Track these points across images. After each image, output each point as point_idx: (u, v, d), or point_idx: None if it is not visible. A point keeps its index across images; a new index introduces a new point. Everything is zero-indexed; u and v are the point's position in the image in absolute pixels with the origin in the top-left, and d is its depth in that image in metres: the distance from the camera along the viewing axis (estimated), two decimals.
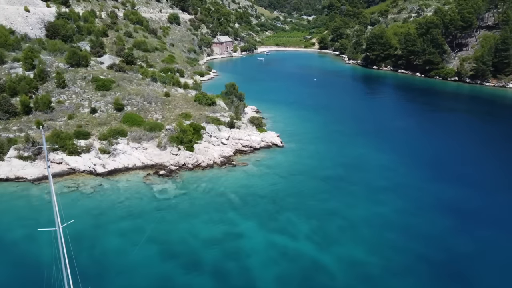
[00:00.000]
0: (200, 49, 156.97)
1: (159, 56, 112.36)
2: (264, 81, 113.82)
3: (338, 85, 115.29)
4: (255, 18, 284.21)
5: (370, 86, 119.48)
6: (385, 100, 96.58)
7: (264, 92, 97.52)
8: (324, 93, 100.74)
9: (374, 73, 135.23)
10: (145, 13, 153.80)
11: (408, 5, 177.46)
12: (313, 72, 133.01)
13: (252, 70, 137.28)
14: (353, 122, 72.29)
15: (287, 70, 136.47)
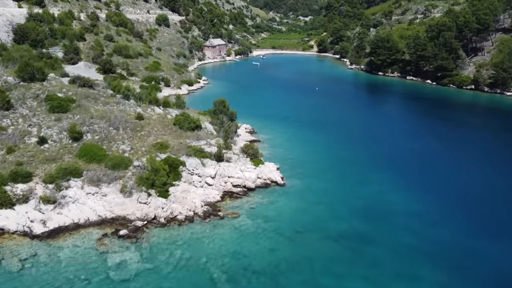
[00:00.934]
0: (191, 53, 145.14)
1: (142, 62, 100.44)
2: (260, 90, 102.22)
3: (342, 94, 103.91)
4: (250, 19, 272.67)
5: (377, 95, 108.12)
6: (395, 114, 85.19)
7: (259, 104, 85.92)
8: (327, 105, 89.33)
9: (380, 80, 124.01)
10: (131, 14, 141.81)
11: (413, 6, 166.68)
12: (313, 79, 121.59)
13: (247, 76, 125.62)
14: (362, 144, 60.90)
15: (285, 77, 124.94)
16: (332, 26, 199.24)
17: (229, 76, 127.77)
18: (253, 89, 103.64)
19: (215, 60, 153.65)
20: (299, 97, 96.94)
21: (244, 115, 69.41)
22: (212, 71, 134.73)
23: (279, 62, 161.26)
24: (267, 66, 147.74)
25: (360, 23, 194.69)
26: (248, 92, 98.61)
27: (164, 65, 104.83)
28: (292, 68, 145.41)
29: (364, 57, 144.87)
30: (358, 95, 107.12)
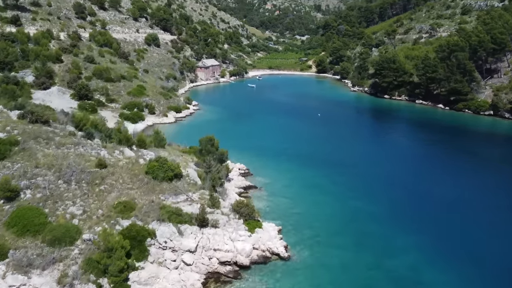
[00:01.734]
0: (182, 75, 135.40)
1: (125, 86, 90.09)
2: (255, 117, 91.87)
3: (346, 121, 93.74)
4: (246, 38, 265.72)
5: (385, 122, 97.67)
6: (408, 145, 74.47)
7: (255, 134, 75.36)
8: (331, 135, 78.89)
9: (386, 104, 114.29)
10: (118, 34, 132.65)
11: (416, 25, 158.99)
12: (313, 103, 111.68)
13: (242, 100, 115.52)
14: (376, 190, 50.13)
15: (283, 100, 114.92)
16: (331, 46, 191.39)
17: (223, 100, 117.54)
18: (248, 115, 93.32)
19: (208, 81, 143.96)
20: (300, 125, 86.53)
21: (238, 149, 59.04)
22: (204, 94, 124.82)
23: (276, 83, 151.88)
24: (264, 88, 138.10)
25: (360, 42, 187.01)
26: (242, 119, 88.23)
27: (150, 89, 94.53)
28: (290, 90, 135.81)
29: (367, 78, 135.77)
30: (364, 123, 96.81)
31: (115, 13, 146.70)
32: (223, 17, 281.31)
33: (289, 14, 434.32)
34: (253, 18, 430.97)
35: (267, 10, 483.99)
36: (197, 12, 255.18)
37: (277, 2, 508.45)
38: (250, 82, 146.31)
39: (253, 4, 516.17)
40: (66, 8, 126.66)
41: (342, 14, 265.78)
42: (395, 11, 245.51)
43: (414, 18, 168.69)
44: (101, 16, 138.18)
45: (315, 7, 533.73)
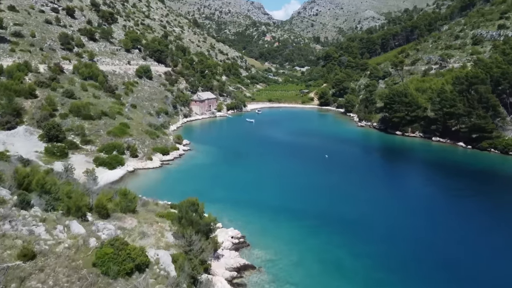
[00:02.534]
0: (175, 109, 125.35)
1: (106, 124, 79.24)
2: (254, 159, 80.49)
3: (358, 164, 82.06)
4: (245, 69, 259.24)
5: (400, 164, 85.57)
6: (432, 198, 62.05)
7: (253, 183, 63.66)
8: (344, 183, 67.11)
9: (398, 141, 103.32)
10: (107, 66, 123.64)
11: (423, 56, 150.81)
12: (318, 141, 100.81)
13: (239, 138, 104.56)
14: (409, 267, 38.14)
15: (285, 139, 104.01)
16: (333, 77, 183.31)
17: (218, 137, 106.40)
18: (245, 157, 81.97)
19: (203, 116, 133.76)
20: (306, 169, 74.97)
21: (231, 204, 47.85)
22: (198, 131, 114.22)
23: (277, 118, 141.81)
24: (263, 123, 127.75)
25: (364, 74, 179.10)
26: (239, 163, 76.74)
27: (135, 127, 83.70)
28: (292, 125, 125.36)
29: (375, 112, 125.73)
30: (378, 166, 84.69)
31: (105, 44, 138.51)
32: (221, 48, 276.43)
33: (288, 46, 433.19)
34: (252, 49, 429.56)
35: (266, 42, 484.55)
36: (194, 44, 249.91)
37: (276, 34, 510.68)
38: (248, 117, 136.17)
39: (252, 36, 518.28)
40: (51, 39, 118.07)
41: (343, 45, 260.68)
42: (397, 42, 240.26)
43: (420, 49, 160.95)
44: (90, 47, 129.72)
45: (314, 39, 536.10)
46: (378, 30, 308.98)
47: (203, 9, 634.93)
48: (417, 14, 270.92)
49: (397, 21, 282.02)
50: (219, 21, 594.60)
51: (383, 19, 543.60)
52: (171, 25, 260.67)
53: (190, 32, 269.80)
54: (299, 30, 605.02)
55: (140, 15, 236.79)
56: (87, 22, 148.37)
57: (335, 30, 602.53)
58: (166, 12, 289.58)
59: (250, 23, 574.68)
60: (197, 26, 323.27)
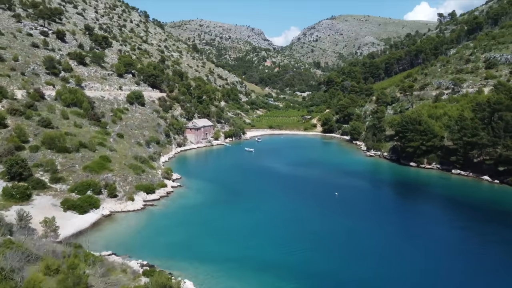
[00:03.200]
0: (168, 138, 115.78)
1: (83, 158, 69.28)
2: (253, 198, 69.97)
3: (370, 204, 71.52)
4: (244, 95, 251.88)
5: (419, 202, 74.26)
6: (456, 247, 51.08)
7: (252, 232, 53.03)
8: (357, 229, 56.48)
9: (413, 173, 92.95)
10: (96, 91, 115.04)
11: (433, 80, 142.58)
12: (325, 174, 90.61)
13: (237, 169, 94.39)
14: None
15: (288, 171, 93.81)
16: (337, 103, 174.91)
17: (213, 169, 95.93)
18: (243, 195, 71.48)
19: (199, 145, 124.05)
20: (313, 211, 64.39)
21: (224, 270, 36.50)
22: (192, 163, 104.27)
23: (278, 146, 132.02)
24: (263, 152, 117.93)
25: (369, 99, 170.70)
26: (235, 203, 66.22)
27: (117, 160, 73.72)
28: (295, 155, 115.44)
29: (385, 140, 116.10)
30: (394, 204, 73.51)
31: (96, 69, 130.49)
32: (220, 73, 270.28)
33: (289, 71, 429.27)
34: (252, 74, 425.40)
35: (267, 67, 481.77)
36: (193, 69, 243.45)
37: (276, 59, 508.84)
38: (247, 145, 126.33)
39: (252, 62, 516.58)
40: (36, 63, 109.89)
41: (345, 70, 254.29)
42: (401, 67, 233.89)
43: (428, 73, 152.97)
44: (78, 72, 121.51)
45: (314, 64, 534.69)
46: (380, 55, 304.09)
47: (203, 35, 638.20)
48: (420, 39, 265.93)
49: (399, 46, 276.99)
50: (219, 47, 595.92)
51: (382, 45, 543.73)
52: (169, 50, 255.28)
53: (188, 57, 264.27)
54: (299, 56, 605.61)
55: (137, 40, 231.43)
56: (78, 46, 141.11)
57: (335, 55, 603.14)
58: (164, 37, 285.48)
59: (251, 48, 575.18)
60: (196, 51, 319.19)
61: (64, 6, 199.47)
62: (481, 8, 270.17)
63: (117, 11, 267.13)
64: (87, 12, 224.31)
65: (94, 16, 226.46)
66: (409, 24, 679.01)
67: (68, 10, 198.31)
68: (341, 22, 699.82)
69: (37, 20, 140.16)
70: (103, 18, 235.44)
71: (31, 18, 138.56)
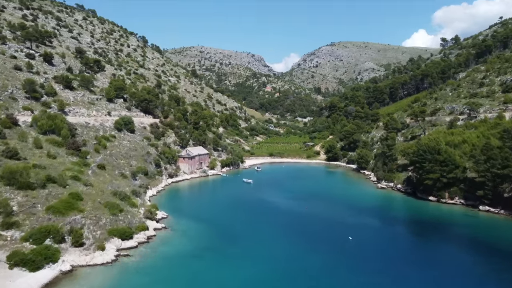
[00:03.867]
0: (158, 168, 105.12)
1: (49, 196, 58.36)
2: (251, 244, 58.44)
3: (389, 249, 59.85)
4: (244, 120, 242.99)
5: (443, 248, 62.74)
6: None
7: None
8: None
9: (433, 210, 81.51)
10: (81, 117, 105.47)
11: (445, 105, 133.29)
12: (333, 211, 79.35)
13: (233, 206, 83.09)
14: None
15: (291, 206, 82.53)
16: (341, 129, 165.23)
17: (206, 206, 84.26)
18: (239, 240, 60.00)
19: (193, 175, 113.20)
20: (324, 263, 52.84)
21: None
22: (183, 197, 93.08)
23: (279, 176, 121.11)
24: (263, 183, 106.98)
25: (376, 125, 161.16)
26: (229, 252, 54.69)
27: (92, 197, 62.77)
28: (298, 186, 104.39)
29: (397, 170, 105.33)
30: (417, 251, 61.84)
31: (84, 93, 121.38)
32: (219, 98, 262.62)
33: (289, 96, 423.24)
34: (252, 100, 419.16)
35: (267, 92, 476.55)
36: (191, 94, 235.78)
37: (276, 85, 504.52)
38: (246, 176, 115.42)
39: (252, 87, 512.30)
40: (16, 87, 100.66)
41: (347, 95, 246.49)
42: (406, 91, 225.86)
43: (438, 97, 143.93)
44: (63, 96, 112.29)
45: (315, 90, 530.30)
46: (382, 80, 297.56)
47: (203, 61, 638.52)
48: (424, 63, 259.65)
49: (403, 70, 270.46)
50: (219, 73, 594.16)
51: (383, 70, 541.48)
52: (166, 74, 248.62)
53: (186, 82, 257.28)
54: (299, 81, 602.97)
55: (133, 64, 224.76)
56: (67, 69, 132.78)
57: (336, 81, 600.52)
58: (162, 62, 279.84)
59: (251, 74, 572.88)
60: (195, 76, 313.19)
61: (58, 30, 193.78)
62: (485, 32, 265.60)
63: (114, 36, 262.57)
64: (83, 36, 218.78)
65: (90, 40, 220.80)
66: (408, 50, 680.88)
67: (62, 34, 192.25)
68: (340, 48, 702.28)
69: (24, 42, 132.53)
70: (99, 42, 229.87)
71: (17, 40, 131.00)
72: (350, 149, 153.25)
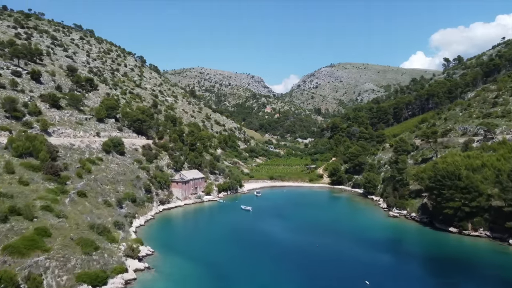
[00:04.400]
0: (149, 194, 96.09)
1: (11, 231, 49.23)
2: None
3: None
4: (243, 142, 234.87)
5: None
6: None
7: None
8: None
9: (455, 243, 72.07)
10: (66, 138, 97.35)
11: (456, 125, 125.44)
12: (343, 245, 70.01)
13: (230, 239, 73.51)
14: None
15: (294, 240, 73.10)
16: (345, 151, 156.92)
17: (199, 238, 74.52)
18: (233, 283, 50.57)
19: (187, 202, 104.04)
20: None
21: None
22: (174, 228, 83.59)
23: (281, 202, 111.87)
24: (263, 211, 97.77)
25: (382, 146, 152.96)
26: None
27: (63, 232, 53.63)
28: (302, 215, 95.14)
29: (410, 196, 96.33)
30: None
31: (72, 112, 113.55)
32: (218, 119, 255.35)
33: (289, 117, 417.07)
34: (252, 121, 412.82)
35: (267, 113, 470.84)
36: (188, 114, 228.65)
37: (276, 106, 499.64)
38: (245, 202, 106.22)
39: (252, 108, 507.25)
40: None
41: (350, 115, 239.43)
42: (410, 112, 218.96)
43: (448, 118, 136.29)
44: (48, 115, 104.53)
45: (315, 110, 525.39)
46: (384, 100, 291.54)
47: (203, 82, 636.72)
48: (427, 83, 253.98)
49: (405, 91, 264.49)
50: (219, 93, 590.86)
51: (383, 91, 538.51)
52: (164, 94, 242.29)
53: (184, 102, 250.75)
54: (299, 102, 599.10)
55: (130, 83, 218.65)
56: (56, 88, 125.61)
57: (336, 102, 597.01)
58: (160, 81, 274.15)
59: (250, 95, 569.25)
60: (193, 97, 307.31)
61: (52, 49, 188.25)
62: (489, 52, 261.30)
63: (112, 55, 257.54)
64: (78, 55, 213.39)
65: (86, 59, 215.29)
66: (408, 71, 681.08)
67: (56, 53, 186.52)
68: (340, 70, 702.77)
69: (11, 59, 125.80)
70: (95, 61, 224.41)
71: (4, 57, 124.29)
72: (355, 172, 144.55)
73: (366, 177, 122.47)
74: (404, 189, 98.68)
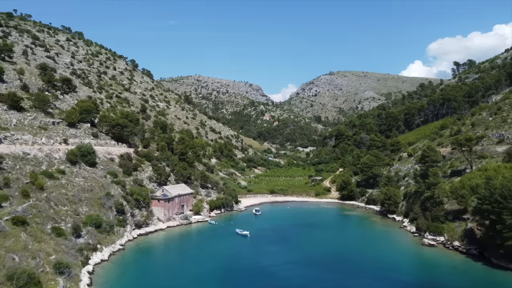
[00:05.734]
0: (122, 215, 76.94)
1: None
2: None
3: None
4: (240, 150, 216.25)
5: None
6: None
7: None
8: None
9: None
10: (20, 145, 78.51)
11: (488, 132, 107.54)
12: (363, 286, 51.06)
13: (219, 279, 54.43)
14: None
15: (303, 282, 54.09)
16: (356, 161, 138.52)
17: (180, 282, 55.28)
18: None
19: (170, 223, 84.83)
20: None
21: None
22: (147, 264, 63.57)
23: (284, 224, 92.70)
24: (264, 236, 78.73)
25: (397, 156, 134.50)
26: None
27: None
28: (310, 242, 76.14)
29: (446, 218, 77.60)
30: None
31: (36, 116, 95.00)
32: (214, 126, 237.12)
33: (289, 125, 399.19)
34: (250, 129, 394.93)
35: (265, 121, 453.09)
36: (181, 120, 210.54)
37: (275, 114, 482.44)
38: (241, 224, 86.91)
39: (250, 116, 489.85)
40: None
41: (355, 122, 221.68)
42: (422, 118, 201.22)
43: (476, 123, 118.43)
44: (3, 118, 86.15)
45: (315, 118, 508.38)
46: (391, 107, 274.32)
47: (200, 89, 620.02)
48: (437, 88, 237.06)
49: (415, 96, 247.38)
50: (216, 101, 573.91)
51: (383, 99, 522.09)
52: (155, 99, 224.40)
53: (177, 108, 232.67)
54: (298, 110, 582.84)
55: (117, 87, 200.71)
56: (22, 87, 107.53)
57: (335, 110, 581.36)
58: (151, 86, 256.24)
59: (248, 102, 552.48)
60: (188, 102, 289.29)
61: (32, 48, 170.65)
62: (503, 55, 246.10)
63: (100, 58, 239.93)
64: (61, 56, 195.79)
65: (70, 61, 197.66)
66: (409, 79, 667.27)
67: (36, 53, 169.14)
68: (339, 78, 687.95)
69: None
70: (80, 63, 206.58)
71: None
72: (368, 185, 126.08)
73: (385, 192, 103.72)
74: (437, 209, 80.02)
